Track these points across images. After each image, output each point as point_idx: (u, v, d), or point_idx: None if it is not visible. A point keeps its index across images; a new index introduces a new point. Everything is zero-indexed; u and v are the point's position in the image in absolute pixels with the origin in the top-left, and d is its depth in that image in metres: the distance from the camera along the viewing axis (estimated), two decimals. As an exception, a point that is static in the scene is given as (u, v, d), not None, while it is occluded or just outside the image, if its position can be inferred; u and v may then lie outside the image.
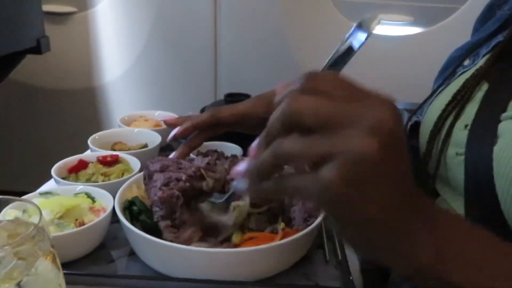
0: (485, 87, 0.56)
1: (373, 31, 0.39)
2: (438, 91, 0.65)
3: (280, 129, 0.34)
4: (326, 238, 0.61)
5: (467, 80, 0.58)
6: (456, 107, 0.58)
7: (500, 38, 0.59)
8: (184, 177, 0.56)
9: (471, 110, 0.55)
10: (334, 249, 0.59)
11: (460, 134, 0.55)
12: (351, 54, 0.40)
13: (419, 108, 0.70)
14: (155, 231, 0.52)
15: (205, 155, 0.66)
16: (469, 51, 0.64)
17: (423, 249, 0.34)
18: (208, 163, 0.61)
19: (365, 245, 0.36)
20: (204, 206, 0.56)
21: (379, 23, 0.39)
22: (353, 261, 0.78)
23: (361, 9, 1.63)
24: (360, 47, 0.40)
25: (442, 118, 0.59)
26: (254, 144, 0.38)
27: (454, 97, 0.59)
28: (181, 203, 0.55)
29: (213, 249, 0.50)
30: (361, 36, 0.40)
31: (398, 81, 1.65)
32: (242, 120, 0.69)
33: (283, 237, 0.53)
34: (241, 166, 0.39)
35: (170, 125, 0.72)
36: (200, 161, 0.62)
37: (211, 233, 0.56)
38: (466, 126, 0.55)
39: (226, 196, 0.54)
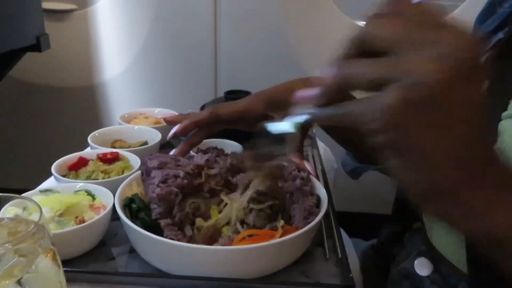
0: (485, 85, 0.56)
1: None
2: None
3: (353, 51, 0.33)
4: (326, 236, 0.61)
5: None
6: None
7: (500, 35, 0.59)
8: (182, 174, 0.56)
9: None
10: (334, 247, 0.59)
11: None
12: None
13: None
14: (155, 229, 0.52)
15: (205, 152, 0.66)
16: None
17: (500, 208, 0.31)
18: (207, 160, 0.61)
19: (423, 191, 0.32)
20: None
21: None
22: (353, 259, 0.78)
23: (362, 7, 1.63)
24: None
25: None
26: (323, 72, 0.36)
27: None
28: (179, 200, 0.55)
29: (213, 246, 0.51)
30: None
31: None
32: (241, 117, 0.69)
33: (282, 235, 0.53)
34: (306, 92, 0.37)
35: (170, 122, 0.72)
36: (199, 158, 0.62)
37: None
38: None
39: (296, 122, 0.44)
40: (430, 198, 0.33)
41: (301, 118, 0.39)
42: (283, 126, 0.43)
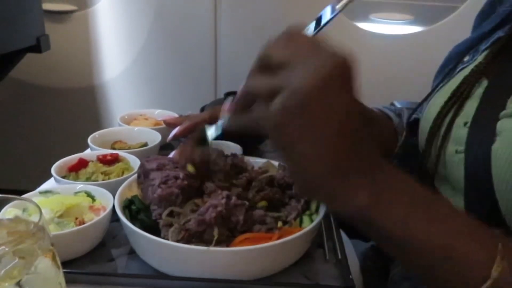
0: (484, 83, 0.56)
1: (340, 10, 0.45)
2: (438, 88, 0.65)
3: (255, 69, 0.41)
4: (326, 237, 0.61)
5: (466, 77, 0.58)
6: (455, 104, 0.58)
7: (500, 33, 0.59)
8: (181, 175, 0.56)
9: (470, 107, 0.55)
10: (334, 248, 0.59)
11: (460, 131, 0.55)
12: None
13: (419, 106, 0.70)
14: (154, 230, 0.52)
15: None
16: (469, 47, 0.64)
17: (360, 193, 0.38)
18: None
19: (305, 182, 0.40)
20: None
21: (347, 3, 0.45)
22: (353, 260, 0.78)
23: (362, 8, 1.63)
24: (326, 22, 0.45)
25: (441, 115, 0.59)
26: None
27: (454, 94, 0.59)
28: (179, 201, 0.55)
29: (212, 248, 0.50)
30: (329, 13, 0.45)
31: (398, 80, 1.65)
32: None
33: (281, 236, 0.53)
34: (229, 101, 0.47)
35: (170, 125, 0.72)
36: None
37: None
38: (465, 123, 0.55)
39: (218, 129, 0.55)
40: (308, 188, 0.41)
41: (221, 123, 0.50)
42: (211, 130, 0.55)
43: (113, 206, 0.57)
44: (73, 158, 0.75)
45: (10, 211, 0.43)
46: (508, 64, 0.55)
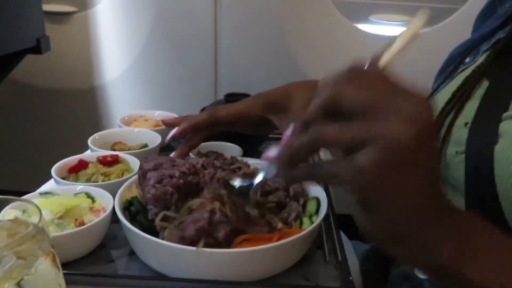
0: (485, 84, 0.56)
1: None
2: (438, 89, 0.65)
3: (320, 114, 0.35)
4: (325, 238, 0.61)
5: (467, 77, 0.58)
6: (456, 104, 0.58)
7: (501, 34, 0.59)
8: (177, 174, 0.56)
9: (471, 108, 0.55)
10: (333, 249, 0.59)
11: (460, 132, 0.55)
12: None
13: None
14: (152, 232, 0.52)
15: (204, 156, 0.66)
16: (470, 48, 0.64)
17: (446, 245, 0.35)
18: (202, 165, 0.61)
19: (388, 237, 0.36)
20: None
21: None
22: (353, 262, 0.78)
23: (361, 9, 1.63)
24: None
25: (442, 116, 0.59)
26: (288, 131, 0.38)
27: (454, 94, 0.59)
28: (175, 200, 0.55)
29: (212, 249, 0.50)
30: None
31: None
32: (239, 120, 0.69)
33: (281, 237, 0.53)
34: (273, 151, 0.39)
35: (169, 125, 0.72)
36: (194, 162, 0.62)
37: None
38: (466, 124, 0.54)
39: (254, 180, 0.51)
40: (391, 242, 0.36)
41: (265, 175, 0.44)
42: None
43: (113, 207, 0.57)
44: (73, 159, 0.75)
45: (10, 212, 0.43)
46: (509, 65, 0.55)
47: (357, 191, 0.34)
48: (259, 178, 0.50)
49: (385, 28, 1.67)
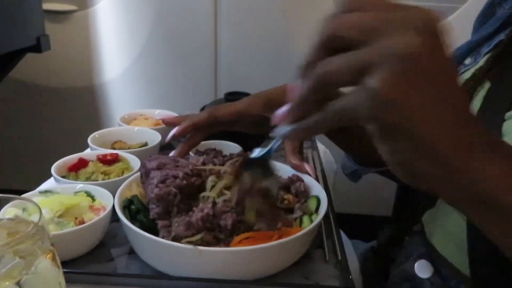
0: (487, 85, 0.56)
1: None
2: None
3: (322, 51, 0.33)
4: (325, 238, 0.61)
5: (468, 79, 0.58)
6: None
7: (502, 36, 0.59)
8: (181, 175, 0.56)
9: (473, 108, 0.55)
10: (333, 248, 0.59)
11: None
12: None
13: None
14: (152, 230, 0.52)
15: (203, 153, 0.66)
16: (470, 49, 0.64)
17: (489, 168, 0.32)
18: (203, 162, 0.61)
19: (421, 165, 0.33)
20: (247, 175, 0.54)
21: None
22: (353, 261, 0.78)
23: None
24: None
25: None
26: (293, 83, 0.35)
27: None
28: (177, 200, 0.55)
29: (212, 248, 0.50)
30: None
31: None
32: (239, 119, 0.69)
33: (281, 236, 0.53)
34: (282, 108, 0.37)
35: (169, 124, 0.72)
36: (195, 160, 0.62)
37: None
38: None
39: (268, 147, 0.49)
40: (427, 174, 0.33)
41: (280, 136, 0.40)
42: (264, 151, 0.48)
43: (113, 206, 0.57)
44: (73, 157, 0.75)
45: (10, 210, 0.43)
46: (511, 67, 0.55)
47: (377, 118, 0.31)
48: (275, 143, 0.48)
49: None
